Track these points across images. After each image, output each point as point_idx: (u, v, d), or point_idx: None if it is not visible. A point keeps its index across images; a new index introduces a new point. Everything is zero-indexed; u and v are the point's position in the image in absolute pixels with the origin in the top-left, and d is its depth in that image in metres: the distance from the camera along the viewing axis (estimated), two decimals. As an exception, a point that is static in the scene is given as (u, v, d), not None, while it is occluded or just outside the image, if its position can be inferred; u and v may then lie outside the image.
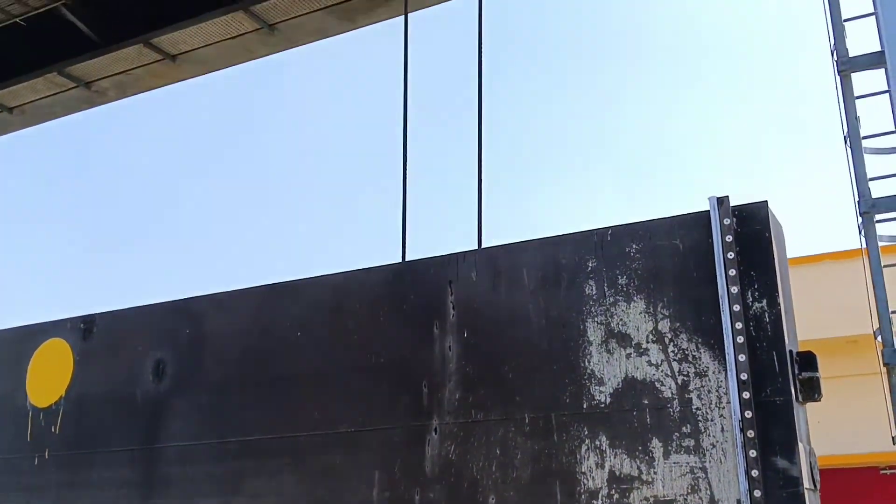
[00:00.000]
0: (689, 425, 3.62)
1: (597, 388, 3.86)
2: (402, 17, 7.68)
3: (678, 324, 3.79)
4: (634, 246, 4.01)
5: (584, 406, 3.86)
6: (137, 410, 4.98)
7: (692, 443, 3.59)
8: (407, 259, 5.85)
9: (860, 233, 5.55)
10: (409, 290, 4.46)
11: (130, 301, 5.32)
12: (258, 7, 8.28)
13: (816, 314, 10.44)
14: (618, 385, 3.83)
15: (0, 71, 9.76)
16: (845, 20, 6.28)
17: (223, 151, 29.24)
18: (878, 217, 5.51)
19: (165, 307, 5.11)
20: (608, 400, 3.82)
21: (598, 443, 3.78)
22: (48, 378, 5.40)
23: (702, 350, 3.70)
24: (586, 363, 3.92)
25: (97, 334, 5.33)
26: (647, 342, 3.83)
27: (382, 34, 8.66)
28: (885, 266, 5.39)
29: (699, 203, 4.00)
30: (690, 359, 3.72)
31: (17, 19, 8.49)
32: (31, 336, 5.58)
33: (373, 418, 4.30)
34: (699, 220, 3.89)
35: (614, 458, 3.73)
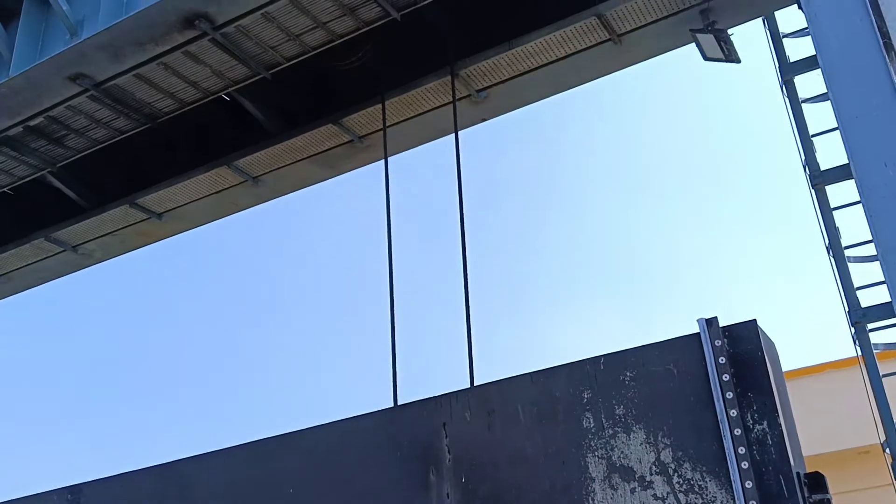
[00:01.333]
0: (703, 562, 3.44)
1: (604, 527, 3.69)
2: (382, 160, 7.87)
3: (680, 452, 3.68)
4: (629, 374, 3.95)
5: (593, 547, 3.68)
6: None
7: (709, 581, 3.41)
8: (399, 402, 5.73)
9: (854, 343, 5.51)
10: (403, 435, 4.35)
11: (123, 464, 5.16)
12: (241, 162, 8.49)
13: (824, 426, 10.24)
14: (625, 522, 3.66)
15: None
16: (812, 135, 6.48)
17: (206, 301, 29.25)
18: (870, 326, 5.48)
19: (152, 473, 4.95)
20: (617, 539, 3.65)
21: (610, 587, 3.58)
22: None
23: (707, 479, 3.58)
24: (590, 501, 3.77)
25: (83, 505, 5.12)
26: (651, 474, 3.70)
27: (365, 176, 8.86)
28: (884, 375, 5.31)
29: (691, 321, 3.97)
30: (697, 489, 3.59)
31: (5, 188, 8.66)
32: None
33: (372, 577, 4.08)
34: (690, 344, 3.85)
35: None
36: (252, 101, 7.94)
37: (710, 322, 3.81)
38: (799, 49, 7.11)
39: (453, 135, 7.30)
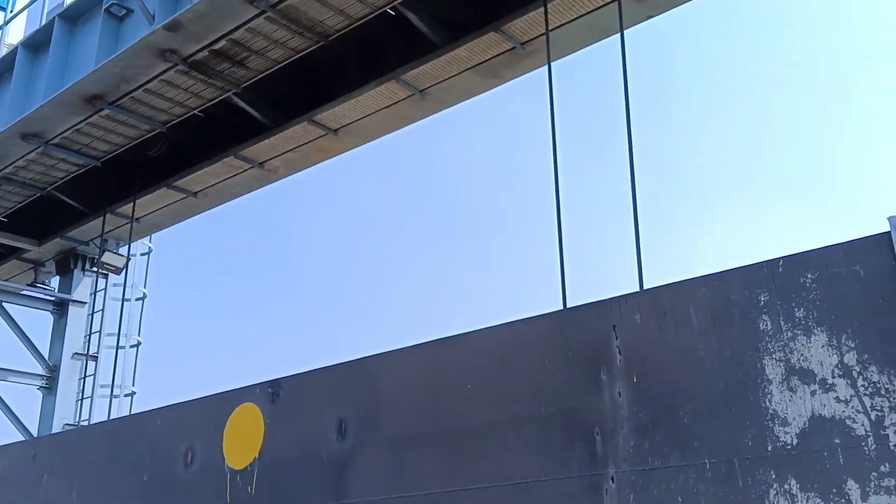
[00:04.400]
0: (887, 464, 3.36)
1: (781, 428, 3.67)
2: (546, 66, 7.78)
3: (866, 355, 3.55)
4: (810, 276, 3.81)
5: (769, 448, 3.67)
6: (325, 469, 5.22)
7: (892, 482, 3.33)
8: (569, 305, 5.84)
9: None
10: (573, 337, 4.45)
11: (316, 362, 5.61)
12: (408, 75, 8.67)
13: None
14: (804, 425, 3.62)
15: (183, 160, 10.71)
16: None
17: (389, 214, 30.41)
18: None
19: (343, 367, 5.37)
20: (794, 441, 3.62)
21: (787, 486, 3.58)
22: (243, 441, 5.77)
23: (895, 381, 3.45)
24: (767, 403, 3.74)
25: (284, 397, 5.66)
26: (833, 377, 3.61)
27: (529, 84, 8.80)
28: None
29: (877, 225, 3.77)
30: (883, 392, 3.47)
31: (195, 111, 9.32)
32: (226, 402, 6.01)
33: (547, 469, 4.28)
34: (879, 243, 3.66)
35: (807, 501, 3.51)
36: (416, 14, 8.04)
37: (902, 220, 3.60)
38: None
39: (618, 35, 7.08)
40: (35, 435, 13.28)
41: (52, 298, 14.12)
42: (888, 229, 3.64)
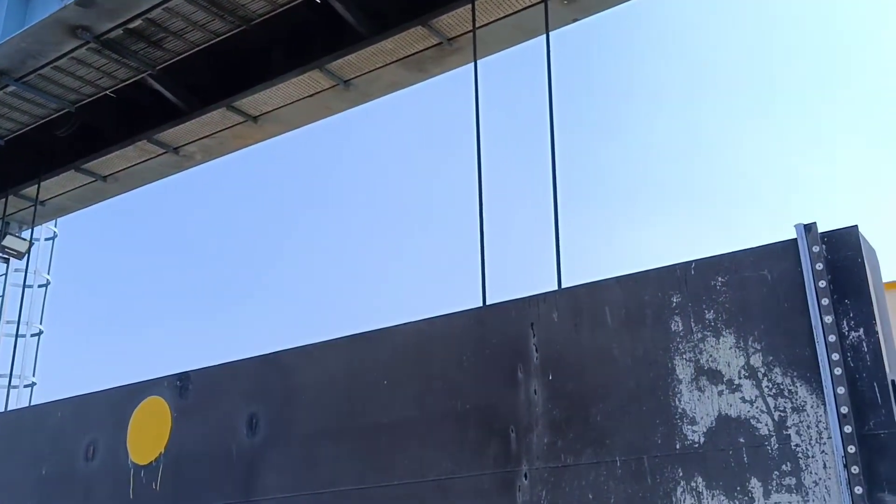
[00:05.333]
0: (789, 463, 3.48)
1: (689, 427, 3.76)
2: (472, 63, 7.79)
3: (771, 357, 3.67)
4: (720, 279, 3.92)
5: (678, 446, 3.76)
6: (233, 465, 5.09)
7: (793, 481, 3.45)
8: (488, 303, 5.86)
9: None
10: (492, 333, 4.46)
11: (224, 357, 5.47)
12: (334, 65, 8.54)
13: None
14: (711, 423, 3.72)
15: (94, 141, 10.31)
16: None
17: (301, 205, 30.02)
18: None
19: (256, 361, 5.25)
20: (702, 439, 3.71)
21: (693, 484, 3.67)
22: (148, 435, 5.58)
23: (798, 384, 3.58)
24: (677, 402, 3.83)
25: (193, 391, 5.50)
26: (740, 378, 3.72)
27: (454, 81, 8.80)
28: None
29: (784, 233, 3.90)
30: (786, 393, 3.59)
31: (107, 91, 8.97)
32: (131, 395, 5.80)
33: (462, 465, 4.29)
34: (787, 250, 3.79)
35: (712, 499, 3.61)
36: (343, 3, 7.92)
37: (809, 228, 3.73)
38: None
39: (544, 36, 7.14)
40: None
41: (-52, 282, 13.43)
42: (795, 236, 3.77)
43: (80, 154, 10.46)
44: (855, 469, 3.30)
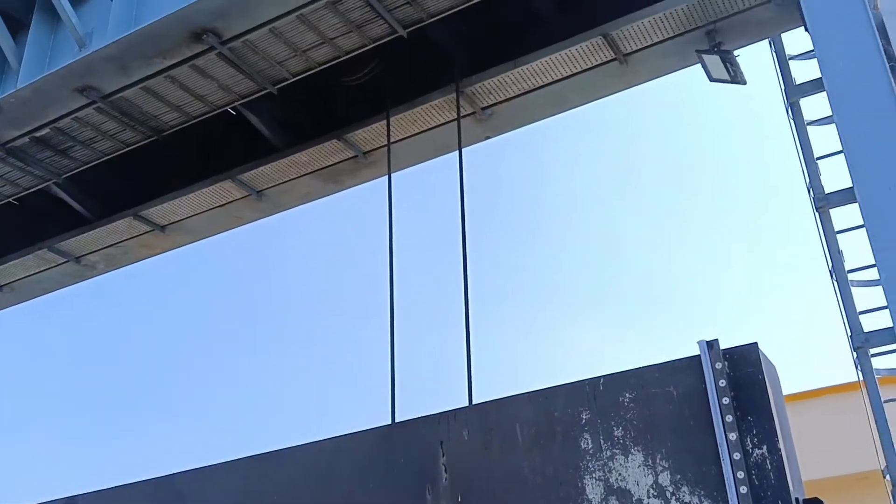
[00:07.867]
0: (700, 587, 3.40)
1: (600, 550, 3.66)
2: (386, 176, 7.88)
3: (679, 476, 3.65)
4: (628, 395, 3.92)
5: (589, 571, 3.64)
6: None
7: None
8: (397, 419, 5.71)
9: (856, 368, 5.47)
10: (400, 453, 4.32)
11: (123, 476, 5.14)
12: (246, 176, 8.50)
13: (824, 451, 10.15)
14: (622, 546, 3.63)
15: (-7, 249, 9.88)
16: (817, 158, 6.46)
17: (204, 315, 29.23)
18: (872, 351, 5.44)
19: (148, 485, 4.92)
20: (613, 563, 3.61)
21: None
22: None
23: (705, 503, 3.54)
24: (587, 523, 3.73)
25: (77, 518, 5.10)
26: (649, 497, 3.67)
27: (369, 192, 8.87)
28: (885, 401, 5.27)
29: (692, 346, 3.95)
30: (695, 513, 3.55)
31: (10, 199, 8.67)
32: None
33: None
34: (691, 366, 3.83)
35: None
36: (258, 116, 7.97)
37: (711, 344, 3.79)
38: (805, 71, 7.11)
39: (457, 152, 7.31)
40: None
41: None
42: (698, 352, 3.82)
43: (-25, 262, 9.98)
44: (765, 592, 3.24)
